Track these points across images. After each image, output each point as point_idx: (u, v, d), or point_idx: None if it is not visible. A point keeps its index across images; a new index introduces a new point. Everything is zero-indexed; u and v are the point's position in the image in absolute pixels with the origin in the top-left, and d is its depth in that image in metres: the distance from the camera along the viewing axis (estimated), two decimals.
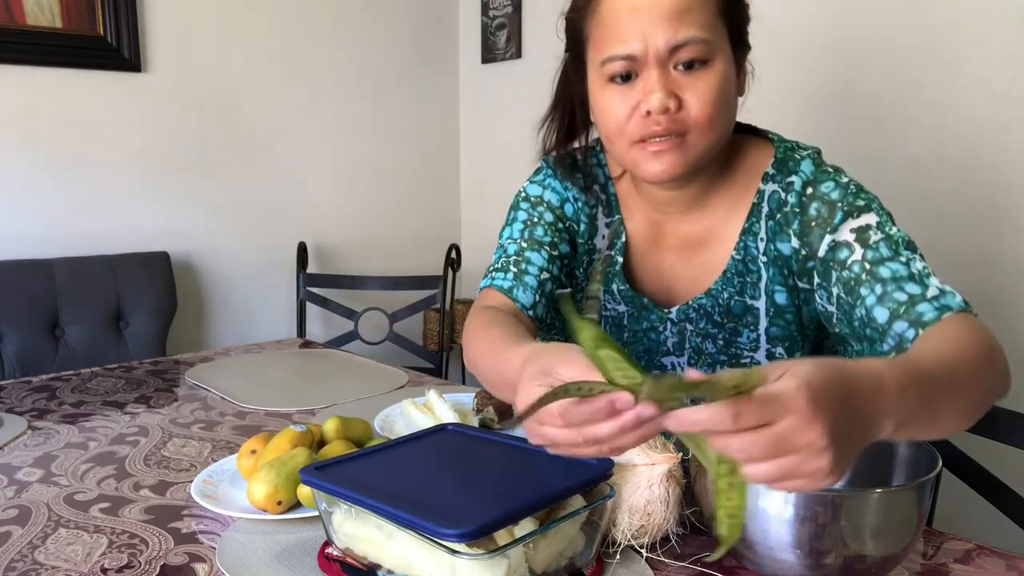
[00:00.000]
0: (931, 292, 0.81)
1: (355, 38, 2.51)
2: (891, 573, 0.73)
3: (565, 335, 1.10)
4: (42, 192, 1.99)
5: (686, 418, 0.49)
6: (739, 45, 0.90)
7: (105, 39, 2.02)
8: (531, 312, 0.99)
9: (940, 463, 0.72)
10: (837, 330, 0.91)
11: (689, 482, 0.77)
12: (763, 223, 0.95)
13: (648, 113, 0.84)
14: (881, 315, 0.82)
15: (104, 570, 0.76)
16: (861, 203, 0.88)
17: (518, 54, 2.57)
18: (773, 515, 0.67)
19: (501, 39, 2.61)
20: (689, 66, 0.84)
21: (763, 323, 0.97)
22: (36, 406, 1.31)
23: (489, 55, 2.66)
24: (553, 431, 0.59)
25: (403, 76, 2.64)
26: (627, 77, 0.86)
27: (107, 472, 1.01)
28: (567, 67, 0.98)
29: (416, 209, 2.75)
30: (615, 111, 0.87)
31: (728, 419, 0.48)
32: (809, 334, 0.98)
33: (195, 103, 2.21)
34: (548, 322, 1.04)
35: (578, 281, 1.07)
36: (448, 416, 1.05)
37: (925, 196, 1.69)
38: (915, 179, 1.70)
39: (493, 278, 1.02)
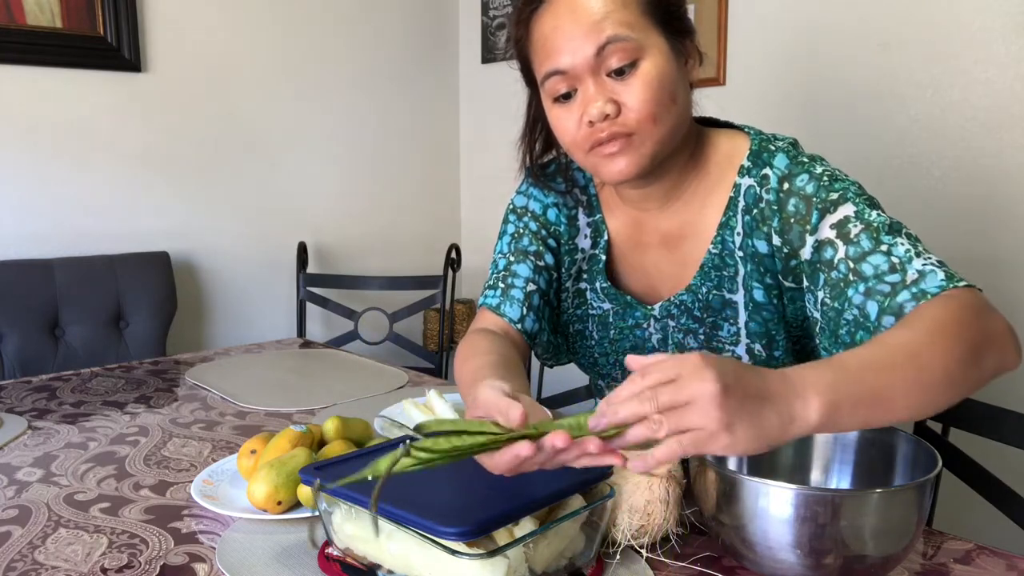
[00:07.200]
0: (910, 277, 0.79)
1: (355, 38, 2.51)
2: (891, 573, 0.73)
3: (553, 350, 1.14)
4: (42, 192, 1.99)
5: (619, 400, 0.61)
6: (676, 35, 0.90)
7: (105, 39, 2.02)
8: (519, 325, 1.04)
9: (940, 463, 0.72)
10: (818, 341, 0.90)
11: (689, 482, 0.77)
12: (739, 218, 0.95)
13: (591, 123, 0.88)
14: (873, 310, 0.81)
15: (104, 570, 0.76)
16: (835, 195, 0.87)
17: None
18: (773, 515, 0.67)
19: (501, 39, 2.61)
20: (620, 72, 0.87)
21: (742, 317, 0.97)
22: (36, 406, 1.31)
23: (489, 55, 2.66)
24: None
25: (403, 76, 2.64)
26: (568, 95, 0.90)
27: (107, 472, 1.01)
28: (529, 94, 1.02)
29: (416, 209, 2.75)
30: (564, 127, 0.92)
31: (639, 379, 0.60)
32: (794, 332, 0.98)
33: (195, 103, 2.21)
34: (536, 337, 1.07)
35: (562, 285, 1.10)
36: (448, 416, 1.04)
37: (925, 196, 1.69)
38: (915, 179, 1.70)
39: (485, 296, 1.08)
